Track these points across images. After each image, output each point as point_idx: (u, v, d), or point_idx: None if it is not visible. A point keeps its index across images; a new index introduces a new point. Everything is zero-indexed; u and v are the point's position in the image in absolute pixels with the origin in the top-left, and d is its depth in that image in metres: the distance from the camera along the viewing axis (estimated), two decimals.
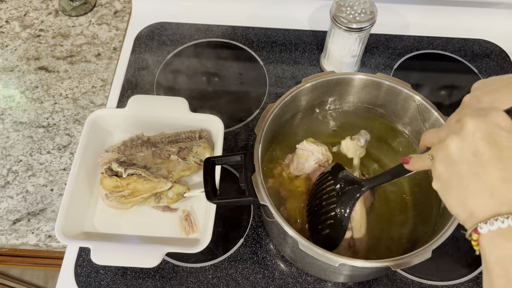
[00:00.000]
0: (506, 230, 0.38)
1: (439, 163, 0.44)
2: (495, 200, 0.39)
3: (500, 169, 0.39)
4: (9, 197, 0.81)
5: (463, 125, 0.42)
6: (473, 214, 0.41)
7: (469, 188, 0.41)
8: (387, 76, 0.71)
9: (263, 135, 0.66)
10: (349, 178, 0.65)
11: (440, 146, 0.44)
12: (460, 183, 0.42)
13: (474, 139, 0.41)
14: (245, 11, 1.04)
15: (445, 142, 0.43)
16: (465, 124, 0.42)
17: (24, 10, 1.06)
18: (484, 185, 0.40)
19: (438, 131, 0.47)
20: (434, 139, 0.47)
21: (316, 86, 0.71)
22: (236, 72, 0.97)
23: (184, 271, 0.75)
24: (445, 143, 0.43)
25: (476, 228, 0.40)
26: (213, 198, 0.64)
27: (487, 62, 0.99)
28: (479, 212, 0.40)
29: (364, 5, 0.82)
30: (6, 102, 0.92)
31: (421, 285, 0.74)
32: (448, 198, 0.44)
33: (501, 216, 0.39)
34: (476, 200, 0.40)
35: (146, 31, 1.02)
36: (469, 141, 0.41)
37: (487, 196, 0.40)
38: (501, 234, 0.39)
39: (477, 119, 0.42)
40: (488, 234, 0.39)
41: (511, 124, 0.41)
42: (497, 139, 0.40)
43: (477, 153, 0.40)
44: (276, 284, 0.73)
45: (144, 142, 0.80)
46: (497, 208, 0.39)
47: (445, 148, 0.43)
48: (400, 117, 0.75)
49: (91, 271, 0.75)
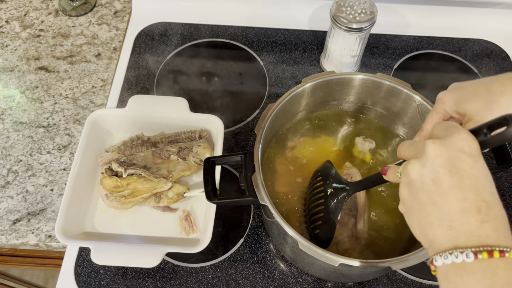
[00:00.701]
0: (460, 266, 0.37)
1: (403, 186, 0.43)
2: (453, 232, 0.38)
3: (459, 199, 0.38)
4: (9, 197, 0.81)
5: (424, 149, 0.40)
6: (432, 244, 0.40)
7: (428, 217, 0.40)
8: (387, 76, 0.71)
9: (263, 135, 0.66)
10: (337, 180, 0.65)
11: (404, 169, 0.43)
12: (420, 211, 0.41)
13: (434, 165, 0.39)
14: (245, 11, 1.04)
15: (408, 166, 0.42)
16: (426, 148, 0.40)
17: (24, 10, 1.06)
18: (443, 216, 0.39)
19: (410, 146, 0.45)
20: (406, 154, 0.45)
21: (316, 86, 0.71)
22: (236, 72, 0.97)
23: (184, 271, 0.75)
24: (407, 168, 0.42)
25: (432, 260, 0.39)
26: (213, 198, 0.64)
27: (487, 62, 0.99)
28: (438, 244, 0.39)
29: (364, 5, 0.82)
30: (6, 102, 0.92)
31: (421, 285, 0.74)
32: (411, 223, 0.43)
33: (456, 249, 0.37)
34: (435, 230, 0.39)
35: (146, 31, 1.02)
36: (429, 168, 0.40)
37: (445, 227, 0.38)
38: (455, 269, 0.37)
39: (438, 143, 0.40)
40: (443, 267, 0.38)
41: (475, 147, 0.40)
42: (458, 166, 0.39)
43: (437, 181, 0.39)
44: (276, 284, 0.73)
45: (144, 142, 0.80)
46: (454, 241, 0.38)
47: (407, 174, 0.42)
48: (400, 117, 0.75)
49: (91, 271, 0.75)
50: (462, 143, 0.40)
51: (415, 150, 0.43)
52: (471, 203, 0.38)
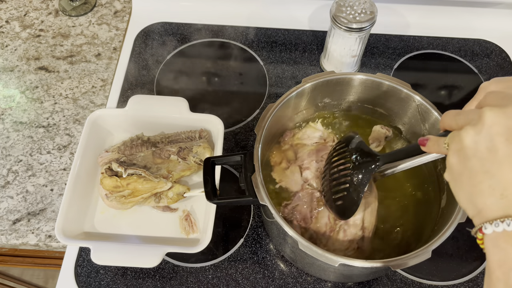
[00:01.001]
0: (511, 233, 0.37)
1: (452, 154, 0.41)
2: (505, 201, 0.38)
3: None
4: (9, 197, 0.81)
5: (481, 116, 0.39)
6: (481, 213, 0.39)
7: (479, 186, 0.39)
8: (387, 76, 0.71)
9: (263, 135, 0.66)
10: (365, 149, 0.61)
11: (455, 137, 0.41)
12: (471, 179, 0.40)
13: (490, 133, 0.38)
14: (245, 11, 1.04)
15: (460, 133, 0.40)
16: (483, 115, 0.39)
17: (24, 10, 1.06)
18: (495, 184, 0.38)
19: (457, 115, 0.43)
20: (452, 123, 0.44)
21: (316, 86, 0.71)
22: (236, 72, 0.97)
23: (184, 271, 0.75)
24: (460, 135, 0.40)
25: (481, 227, 0.39)
26: (213, 198, 0.64)
27: (487, 62, 0.99)
28: (488, 212, 0.39)
29: (364, 5, 0.82)
30: (6, 102, 0.92)
31: (421, 285, 0.74)
32: (458, 192, 0.42)
33: (508, 218, 0.37)
34: (486, 199, 0.39)
35: (146, 31, 1.02)
36: (485, 134, 0.39)
37: (497, 196, 0.38)
38: (506, 236, 0.37)
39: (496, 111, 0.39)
40: (493, 235, 0.38)
41: None
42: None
43: (492, 148, 0.38)
44: (276, 284, 0.73)
45: (144, 142, 0.80)
46: (506, 209, 0.38)
47: (459, 140, 0.40)
48: (400, 117, 0.75)
49: (91, 271, 0.75)
50: None
51: (467, 118, 0.41)
52: None
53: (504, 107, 0.39)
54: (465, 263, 0.76)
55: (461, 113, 0.43)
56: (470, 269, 0.75)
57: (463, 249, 0.76)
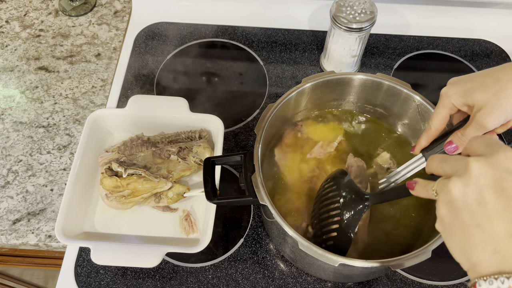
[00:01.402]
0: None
1: (442, 205, 0.41)
2: (498, 256, 0.37)
3: (506, 222, 0.37)
4: (9, 197, 0.81)
5: (467, 167, 0.39)
6: (475, 267, 0.38)
7: (472, 240, 0.38)
8: (387, 76, 0.71)
9: (263, 135, 0.66)
10: (354, 189, 0.62)
11: (443, 187, 0.41)
12: (463, 232, 0.39)
13: (478, 185, 0.38)
14: (245, 11, 1.04)
15: (448, 185, 0.40)
16: (469, 166, 0.39)
17: (24, 10, 1.06)
18: (487, 239, 0.37)
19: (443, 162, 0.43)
20: (438, 170, 0.44)
21: (316, 86, 0.71)
22: (236, 72, 0.97)
23: (184, 271, 0.75)
24: (448, 187, 0.40)
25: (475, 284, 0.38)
26: (213, 198, 0.64)
27: (487, 62, 0.99)
28: (481, 267, 0.38)
29: (364, 5, 0.82)
30: (6, 102, 0.92)
31: (421, 285, 0.74)
32: (451, 244, 0.41)
33: (502, 275, 0.36)
34: (478, 254, 0.38)
35: (146, 31, 1.02)
36: (473, 187, 0.38)
37: (490, 251, 0.37)
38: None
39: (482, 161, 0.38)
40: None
41: None
42: (504, 186, 0.37)
43: (482, 201, 0.38)
44: (276, 284, 0.73)
45: (144, 142, 0.80)
46: (500, 265, 0.37)
47: (448, 192, 0.40)
48: (400, 117, 0.75)
49: (91, 271, 0.75)
50: (508, 162, 0.38)
51: (454, 167, 0.41)
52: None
53: (489, 156, 0.39)
54: None
55: (446, 160, 0.43)
56: None
57: None
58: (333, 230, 0.61)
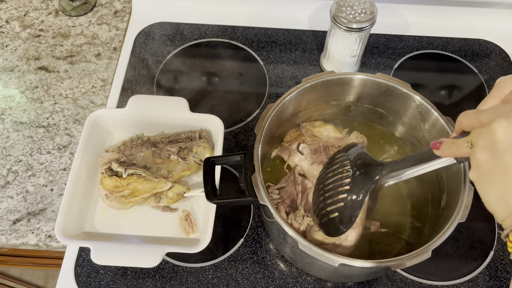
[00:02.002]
0: None
1: (481, 151, 0.38)
2: None
3: None
4: (9, 197, 0.81)
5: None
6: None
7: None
8: (387, 76, 0.71)
9: (263, 135, 0.66)
10: (367, 158, 0.58)
11: (483, 131, 0.38)
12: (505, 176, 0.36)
13: None
14: (245, 11, 1.04)
15: (491, 126, 0.37)
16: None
17: (24, 10, 1.06)
18: None
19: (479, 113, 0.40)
20: (474, 122, 0.41)
21: (316, 86, 0.71)
22: (236, 72, 0.97)
23: (184, 271, 0.75)
24: (491, 128, 0.37)
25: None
26: (213, 198, 0.64)
27: (487, 62, 0.99)
28: None
29: (364, 5, 0.82)
30: (6, 102, 0.92)
31: (421, 285, 0.74)
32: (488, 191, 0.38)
33: None
34: None
35: (146, 31, 1.02)
36: None
37: None
38: None
39: None
40: None
41: None
42: None
43: None
44: (276, 284, 0.73)
45: (144, 142, 0.80)
46: None
47: (490, 134, 0.37)
48: (400, 117, 0.75)
49: (91, 271, 0.75)
50: None
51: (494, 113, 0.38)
52: None
53: None
54: (465, 263, 0.75)
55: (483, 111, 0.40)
56: (470, 269, 0.75)
57: (463, 249, 0.76)
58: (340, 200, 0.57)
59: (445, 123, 0.66)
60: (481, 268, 0.75)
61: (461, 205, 0.59)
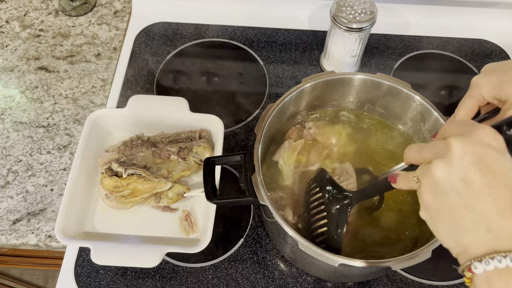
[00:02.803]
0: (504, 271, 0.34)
1: (426, 191, 0.39)
2: (491, 235, 0.35)
3: (495, 199, 0.35)
4: (9, 197, 0.81)
5: (449, 148, 0.37)
6: (468, 250, 0.37)
7: (461, 222, 0.37)
8: (387, 76, 0.71)
9: (263, 135, 0.66)
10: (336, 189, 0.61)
11: (426, 170, 0.39)
12: (451, 215, 0.37)
13: (462, 164, 0.36)
14: (245, 11, 1.04)
15: (430, 168, 0.38)
16: (450, 146, 0.37)
17: (24, 10, 1.06)
18: (478, 219, 0.36)
19: (422, 149, 0.41)
20: (418, 158, 0.42)
21: (316, 86, 0.71)
22: (236, 72, 0.97)
23: (184, 271, 0.75)
24: (431, 169, 0.38)
25: (470, 267, 0.36)
26: (213, 198, 0.64)
27: (487, 62, 0.99)
28: (474, 249, 0.36)
29: (364, 5, 0.82)
30: (6, 102, 0.92)
31: (421, 285, 0.74)
32: (439, 230, 0.39)
33: (498, 254, 0.35)
34: (470, 235, 0.36)
35: (146, 31, 1.02)
36: (457, 166, 0.36)
37: (482, 231, 0.36)
38: (499, 275, 0.35)
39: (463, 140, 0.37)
40: (484, 274, 0.35)
41: (502, 142, 0.37)
42: (488, 162, 0.36)
43: (467, 180, 0.36)
44: (276, 284, 0.73)
45: (144, 142, 0.80)
46: (494, 244, 0.35)
47: (431, 175, 0.38)
48: (400, 117, 0.75)
49: (91, 271, 0.75)
50: (488, 138, 0.36)
51: (433, 150, 0.39)
52: (508, 202, 0.35)
53: (469, 134, 0.37)
54: None
55: (424, 146, 0.41)
56: None
57: None
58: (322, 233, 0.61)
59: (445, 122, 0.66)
60: None
61: None
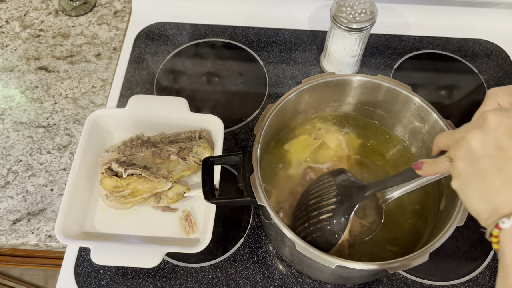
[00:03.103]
0: None
1: (460, 160, 0.42)
2: None
3: None
4: (9, 197, 0.81)
5: (485, 120, 0.41)
6: (497, 210, 0.39)
7: (493, 183, 0.39)
8: (387, 78, 0.71)
9: (262, 136, 0.66)
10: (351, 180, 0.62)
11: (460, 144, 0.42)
12: (484, 178, 0.40)
13: (497, 133, 0.40)
14: (245, 11, 1.04)
15: (466, 138, 0.41)
16: (487, 118, 0.40)
17: (24, 10, 1.06)
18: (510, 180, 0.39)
19: (453, 133, 0.45)
20: (450, 141, 0.45)
21: (316, 87, 0.71)
22: (236, 72, 0.97)
23: (184, 271, 0.75)
24: (467, 139, 0.41)
25: (498, 223, 0.39)
26: (211, 198, 0.64)
27: (487, 62, 0.99)
28: (504, 207, 0.39)
29: (364, 5, 0.82)
30: (6, 102, 0.92)
31: (421, 285, 0.74)
32: (470, 195, 0.42)
33: None
34: (501, 195, 0.39)
35: (146, 31, 1.02)
36: (492, 135, 0.40)
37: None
38: None
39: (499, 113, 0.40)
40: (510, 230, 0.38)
41: None
42: None
43: (502, 147, 0.39)
44: (276, 284, 0.74)
45: (144, 142, 0.80)
46: None
47: (466, 144, 0.41)
48: (400, 119, 0.75)
49: (91, 271, 0.75)
50: None
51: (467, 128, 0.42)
52: None
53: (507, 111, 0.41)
54: (465, 263, 0.76)
55: (457, 129, 0.44)
56: (470, 269, 0.75)
57: (463, 249, 0.77)
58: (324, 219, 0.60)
59: (445, 125, 0.66)
60: (481, 268, 0.75)
61: (460, 209, 0.59)
